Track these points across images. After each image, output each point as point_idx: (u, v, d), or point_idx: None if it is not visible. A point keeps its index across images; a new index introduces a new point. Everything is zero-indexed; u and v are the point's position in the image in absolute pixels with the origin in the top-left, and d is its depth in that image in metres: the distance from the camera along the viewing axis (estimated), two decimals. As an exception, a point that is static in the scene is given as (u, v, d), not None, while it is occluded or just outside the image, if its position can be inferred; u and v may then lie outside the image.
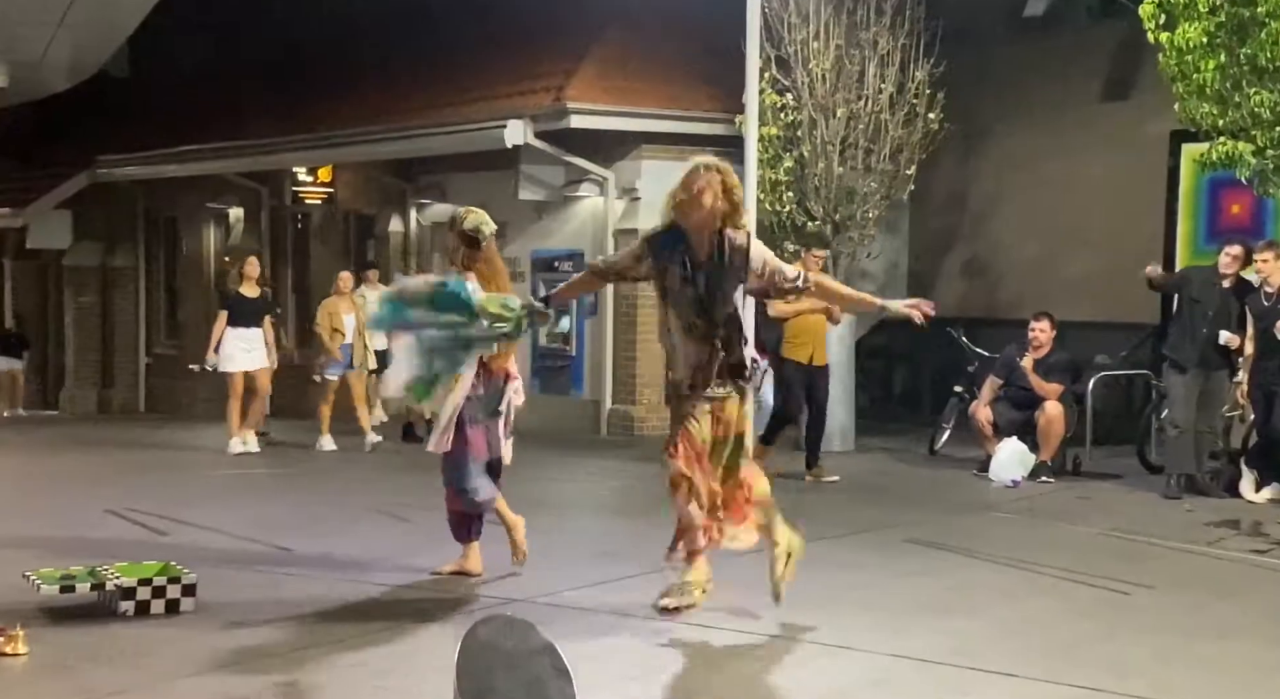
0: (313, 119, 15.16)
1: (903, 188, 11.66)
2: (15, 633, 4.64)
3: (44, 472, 10.27)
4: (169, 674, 4.47)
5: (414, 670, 4.56)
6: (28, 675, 4.46)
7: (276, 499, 8.63)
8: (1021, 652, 4.85)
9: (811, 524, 7.49)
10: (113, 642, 4.85)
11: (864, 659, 4.74)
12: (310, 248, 16.91)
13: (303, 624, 5.11)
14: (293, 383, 14.25)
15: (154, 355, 19.58)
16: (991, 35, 12.37)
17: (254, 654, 4.70)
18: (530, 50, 13.46)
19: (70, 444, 12.64)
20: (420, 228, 15.01)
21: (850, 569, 6.28)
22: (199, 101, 17.99)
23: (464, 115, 13.03)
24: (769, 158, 11.12)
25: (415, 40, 15.53)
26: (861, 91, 11.24)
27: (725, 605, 5.33)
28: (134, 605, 5.15)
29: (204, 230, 18.54)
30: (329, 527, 7.33)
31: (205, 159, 16.54)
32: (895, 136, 11.33)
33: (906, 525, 7.46)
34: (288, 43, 17.45)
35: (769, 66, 10.86)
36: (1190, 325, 8.55)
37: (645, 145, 12.37)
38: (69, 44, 14.44)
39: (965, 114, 11.72)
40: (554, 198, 12.84)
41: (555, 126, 12.16)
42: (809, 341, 9.10)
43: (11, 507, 8.11)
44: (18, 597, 5.20)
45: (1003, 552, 6.66)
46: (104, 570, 5.32)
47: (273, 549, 6.64)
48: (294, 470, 10.18)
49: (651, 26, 12.79)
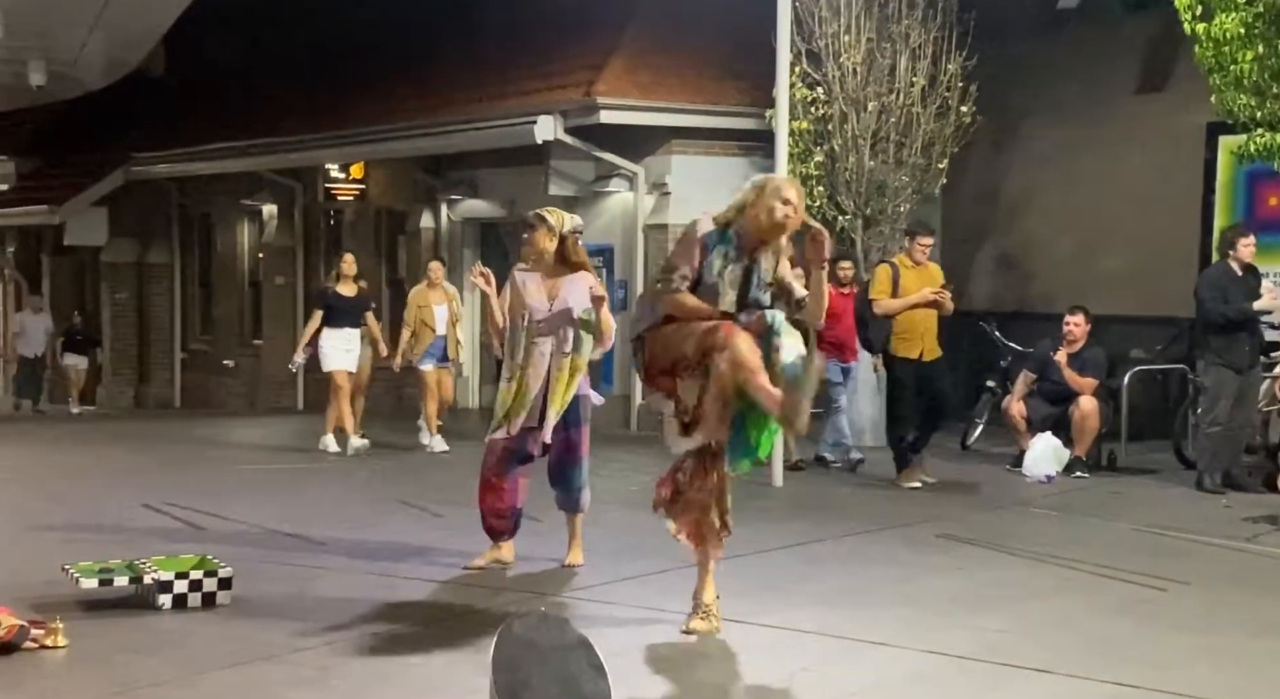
0: (345, 116, 15.24)
1: (934, 182, 11.59)
2: (55, 625, 4.69)
3: (82, 466, 10.38)
4: (205, 666, 4.51)
5: (447, 664, 4.58)
6: (67, 667, 4.51)
7: (310, 493, 8.68)
8: (1056, 648, 4.82)
9: (844, 519, 7.52)
10: (150, 634, 4.91)
11: (900, 655, 4.72)
12: (342, 244, 17.00)
13: (337, 617, 5.14)
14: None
15: (189, 351, 19.76)
16: (1025, 28, 12.26)
17: (289, 647, 4.74)
18: (560, 46, 13.47)
19: (107, 439, 12.77)
20: (451, 223, 15.06)
21: (883, 565, 6.26)
22: (233, 99, 18.14)
23: (494, 111, 13.07)
24: (799, 152, 11.09)
25: (446, 37, 15.58)
26: (893, 85, 11.18)
27: (757, 602, 5.33)
28: (171, 598, 5.21)
29: (238, 227, 18.69)
30: (362, 521, 7.37)
31: (239, 156, 16.68)
32: (927, 130, 11.26)
33: (939, 521, 7.42)
34: (320, 40, 17.55)
35: (799, 60, 10.82)
36: (1240, 327, 8.46)
37: (675, 140, 12.36)
38: (105, 43, 14.60)
39: (998, 107, 11.63)
40: (584, 193, 12.85)
41: (585, 122, 12.17)
42: (919, 336, 8.57)
43: (50, 500, 8.20)
44: (57, 590, 5.25)
45: (1037, 547, 6.61)
46: (141, 564, 5.37)
47: (307, 543, 6.68)
48: (324, 465, 10.24)
49: (681, 21, 12.77)
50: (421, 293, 10.98)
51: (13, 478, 9.64)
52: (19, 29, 13.25)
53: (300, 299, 17.46)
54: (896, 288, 8.57)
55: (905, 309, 8.52)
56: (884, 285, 8.61)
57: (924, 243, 8.72)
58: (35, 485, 9.15)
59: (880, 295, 8.60)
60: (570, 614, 5.08)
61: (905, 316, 8.56)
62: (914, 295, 8.50)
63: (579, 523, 6.06)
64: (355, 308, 10.69)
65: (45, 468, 10.26)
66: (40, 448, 11.98)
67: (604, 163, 12.56)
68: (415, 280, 15.11)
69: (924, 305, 8.52)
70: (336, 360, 10.58)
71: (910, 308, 8.52)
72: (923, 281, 8.62)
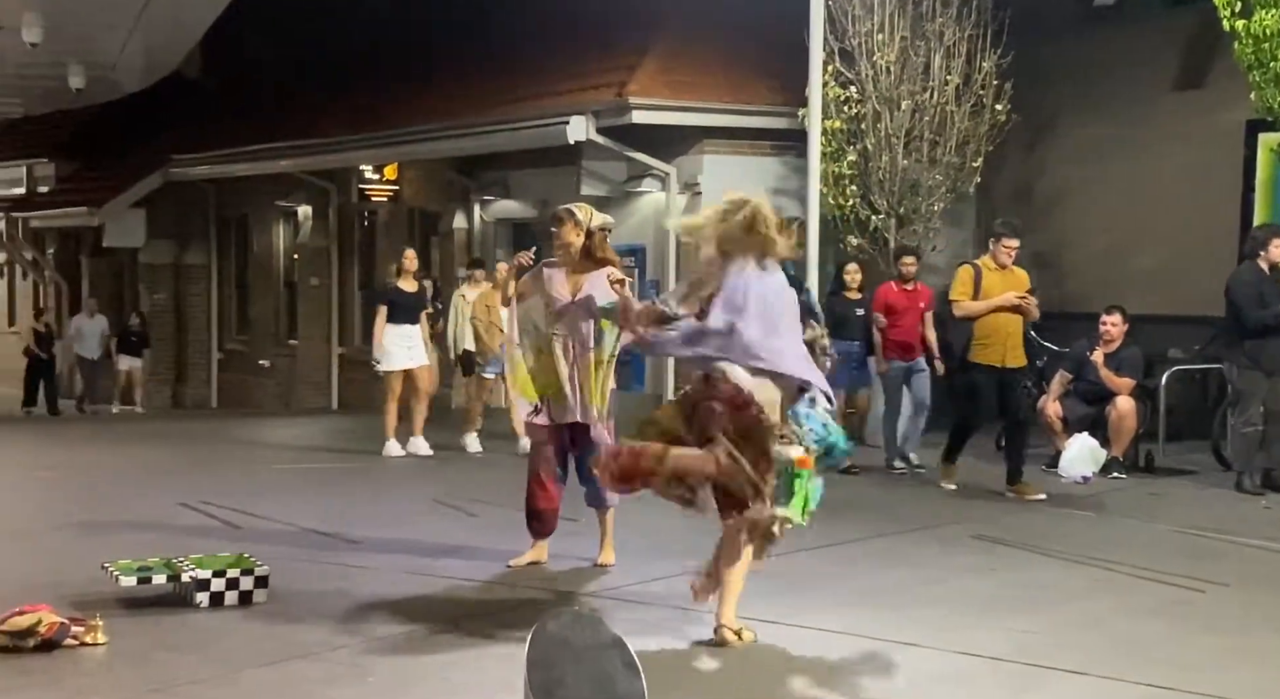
0: (379, 117, 15.35)
1: (969, 180, 11.53)
2: (94, 623, 4.75)
3: (120, 465, 10.50)
4: (243, 664, 4.55)
5: (481, 662, 4.60)
6: (106, 665, 4.56)
7: (346, 493, 8.74)
8: (1092, 650, 4.79)
9: (878, 520, 7.49)
10: (188, 632, 4.96)
11: (933, 656, 4.71)
12: (376, 245, 17.13)
13: (373, 616, 5.18)
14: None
15: (225, 351, 19.96)
16: (1061, 25, 12.16)
17: (325, 645, 4.78)
18: (592, 46, 13.51)
19: (145, 438, 12.91)
20: (483, 224, 15.12)
21: (917, 565, 6.23)
22: (269, 101, 18.31)
23: (527, 112, 13.12)
24: (832, 151, 11.07)
25: (479, 38, 15.64)
26: (927, 83, 11.14)
27: (787, 602, 5.32)
28: (209, 596, 5.26)
29: (273, 228, 18.87)
30: (398, 520, 7.41)
31: (275, 158, 16.83)
32: (961, 129, 11.21)
33: (974, 521, 7.38)
34: (354, 43, 17.68)
35: (832, 59, 10.80)
36: (1273, 330, 8.34)
37: (707, 140, 12.35)
38: (143, 46, 14.79)
39: (1033, 105, 11.55)
40: (615, 193, 12.88)
41: (617, 122, 12.19)
42: (1000, 342, 8.15)
43: (89, 499, 8.31)
44: (96, 587, 5.32)
45: (1072, 549, 6.56)
46: (179, 562, 5.42)
47: (342, 541, 6.73)
48: (361, 465, 10.31)
49: (713, 20, 12.77)
50: (489, 294, 10.56)
51: (53, 476, 9.77)
52: (59, 33, 13.45)
53: (335, 299, 17.61)
54: (978, 291, 8.16)
55: (986, 312, 8.11)
56: (965, 287, 8.20)
57: (1009, 245, 8.23)
58: (75, 484, 9.26)
59: (961, 297, 8.20)
60: (603, 613, 5.09)
61: (986, 321, 8.14)
62: (996, 298, 8.10)
63: (609, 521, 6.07)
64: (417, 304, 10.45)
65: (84, 467, 10.38)
66: (79, 447, 12.14)
67: (636, 163, 12.57)
68: (448, 281, 15.24)
69: (1007, 310, 8.13)
70: (396, 359, 10.28)
71: (991, 311, 8.11)
72: (1007, 285, 8.19)
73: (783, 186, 12.12)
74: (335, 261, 17.59)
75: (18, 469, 10.27)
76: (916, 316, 9.38)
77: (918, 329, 9.41)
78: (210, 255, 20.08)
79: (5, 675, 4.39)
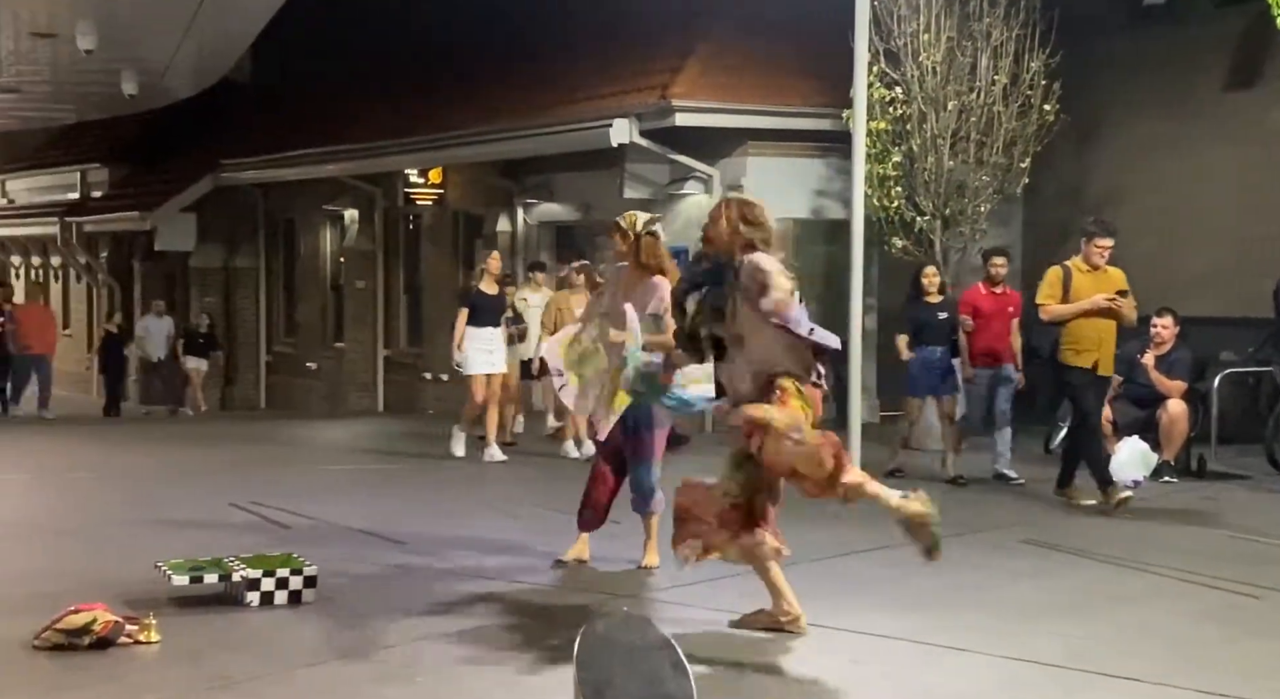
0: (424, 121, 15.46)
1: (1016, 181, 11.43)
2: (148, 621, 4.81)
3: (172, 466, 10.64)
4: (292, 663, 4.59)
5: (528, 662, 4.61)
6: (159, 663, 4.62)
7: (393, 494, 8.81)
8: (1144, 656, 4.72)
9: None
10: (239, 631, 5.01)
11: (984, 662, 4.66)
12: (421, 248, 17.25)
13: (419, 616, 5.21)
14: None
15: (274, 353, 20.16)
16: (1110, 24, 12.04)
17: (372, 645, 4.81)
18: (635, 49, 13.52)
19: (196, 439, 13.08)
20: (527, 227, 15.18)
21: (966, 570, 6.17)
22: (316, 106, 18.50)
23: (570, 115, 13.16)
24: (877, 152, 11.01)
25: (523, 42, 15.72)
26: (974, 83, 11.06)
27: (837, 605, 5.29)
28: (259, 596, 5.31)
29: (320, 232, 19.05)
30: (444, 521, 7.45)
31: (322, 162, 17.00)
32: (1009, 129, 11.12)
33: (1023, 526, 7.31)
34: (400, 48, 17.82)
35: (877, 60, 10.74)
36: None
37: (751, 142, 12.33)
38: (194, 52, 14.99)
39: (1082, 105, 11.43)
40: (659, 196, 12.88)
41: (660, 125, 12.20)
42: (1093, 347, 7.78)
43: (142, 500, 8.43)
44: (150, 586, 5.39)
45: (1123, 553, 6.49)
46: (230, 561, 5.49)
47: (389, 542, 6.78)
48: (407, 466, 10.38)
49: (757, 22, 12.74)
50: (563, 296, 10.51)
51: (106, 477, 9.93)
52: (112, 40, 13.67)
53: (380, 302, 17.75)
54: (1067, 293, 7.81)
55: (1075, 316, 7.74)
56: (1053, 289, 7.86)
57: (1101, 245, 7.82)
58: (128, 485, 9.40)
59: (1048, 300, 7.85)
60: (647, 614, 5.09)
61: (1076, 325, 7.76)
62: (1084, 301, 7.73)
63: (653, 525, 6.07)
64: (498, 307, 10.29)
65: (137, 468, 10.54)
66: (132, 448, 12.31)
67: (679, 165, 12.57)
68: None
69: (1097, 313, 7.77)
70: (478, 364, 10.07)
71: (1080, 315, 7.74)
72: (1098, 287, 7.80)
73: (826, 188, 12.07)
74: (381, 265, 17.73)
75: (69, 469, 10.44)
76: (1005, 321, 8.91)
77: (1007, 335, 8.92)
78: (259, 259, 20.30)
79: (60, 673, 4.47)
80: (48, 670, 4.51)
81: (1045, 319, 7.90)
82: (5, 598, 5.45)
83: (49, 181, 23.85)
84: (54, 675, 4.46)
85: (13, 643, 4.72)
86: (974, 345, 8.97)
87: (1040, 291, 8.00)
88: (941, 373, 9.06)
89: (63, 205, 22.40)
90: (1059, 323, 7.83)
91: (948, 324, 9.04)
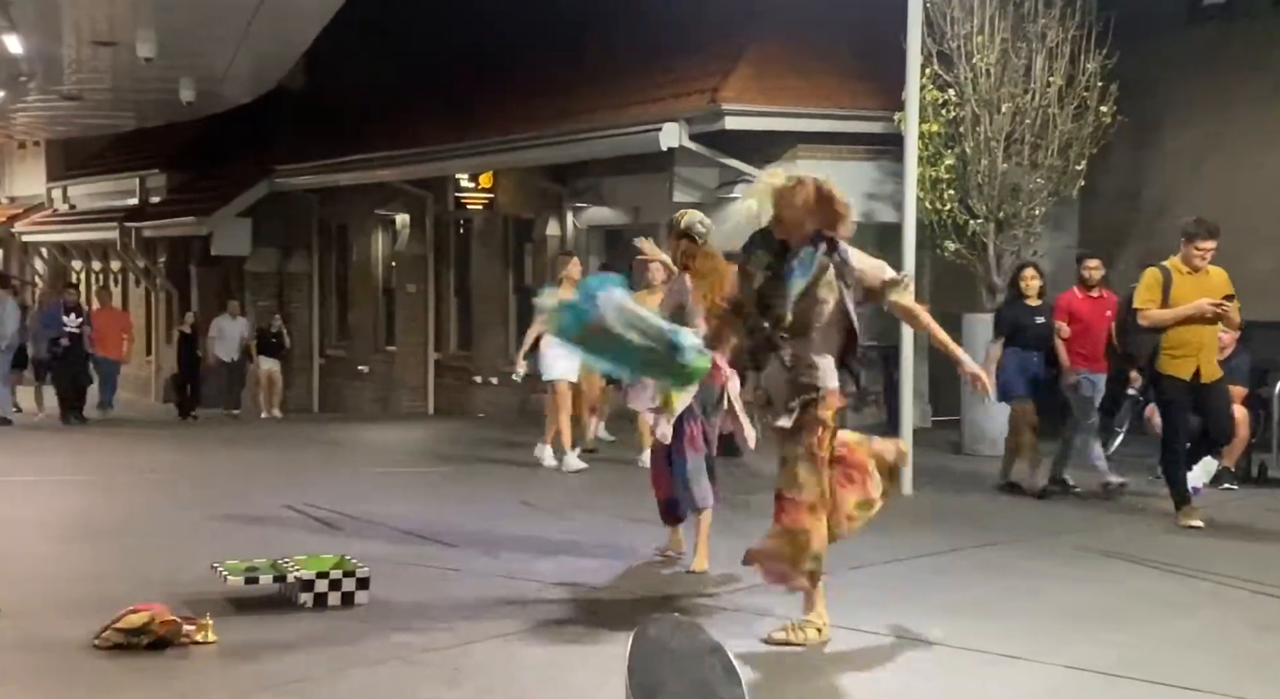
0: (475, 126, 15.56)
1: (1072, 184, 11.29)
2: (205, 622, 4.87)
3: (227, 468, 10.80)
4: (346, 664, 4.63)
5: (577, 665, 4.62)
6: (215, 663, 4.68)
7: (443, 496, 8.87)
8: (1202, 665, 4.64)
9: (976, 530, 7.36)
10: (293, 632, 5.05)
11: (1037, 669, 4.60)
12: (471, 252, 17.36)
13: (470, 618, 5.23)
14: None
15: (326, 357, 20.38)
16: (1168, 23, 11.85)
17: (425, 647, 4.84)
18: (685, 53, 13.52)
19: (250, 442, 13.25)
20: (576, 230, 15.23)
21: (1019, 576, 6.11)
22: (369, 112, 18.68)
23: (620, 119, 13.18)
24: (929, 155, 10.91)
25: (572, 47, 15.77)
26: (1028, 85, 10.93)
27: (886, 611, 5.25)
28: (312, 597, 5.36)
29: (372, 236, 19.23)
30: (494, 523, 7.49)
31: (375, 167, 17.17)
32: (1064, 131, 10.98)
33: (1078, 532, 7.21)
34: (450, 54, 17.95)
35: (930, 62, 10.65)
36: None
37: (801, 145, 12.27)
38: (250, 59, 15.20)
39: (1139, 107, 11.26)
40: (708, 199, 12.84)
41: (710, 128, 12.18)
42: (1193, 353, 7.40)
43: (199, 501, 8.55)
44: (207, 587, 5.46)
45: (1181, 561, 6.37)
46: (285, 563, 5.55)
47: (440, 545, 6.82)
48: (457, 469, 10.45)
49: (808, 24, 12.69)
50: (640, 296, 10.32)
51: (166, 478, 10.10)
52: (171, 48, 13.91)
53: (431, 306, 17.89)
54: (1167, 296, 7.42)
55: (1175, 321, 7.35)
56: (1152, 292, 7.45)
57: (1203, 247, 7.40)
58: (185, 486, 9.56)
59: (1148, 304, 7.44)
60: (697, 618, 5.08)
61: (1177, 331, 7.37)
62: (1187, 306, 7.35)
63: (703, 525, 6.04)
64: None
65: (194, 469, 10.70)
66: (189, 450, 12.51)
67: (729, 169, 12.54)
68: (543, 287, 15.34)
69: (1199, 319, 7.39)
70: (559, 368, 9.72)
71: (1182, 320, 7.35)
72: (1201, 291, 7.41)
73: (878, 191, 11.99)
74: (431, 269, 17.87)
75: (130, 471, 10.62)
76: (1104, 325, 8.42)
77: (1106, 339, 8.38)
78: (312, 263, 20.53)
79: (119, 673, 4.54)
80: (107, 670, 4.58)
81: (1145, 324, 7.46)
82: (66, 598, 5.55)
83: (109, 187, 24.30)
84: (112, 675, 4.53)
85: (73, 642, 4.80)
86: (1072, 350, 8.63)
87: (1138, 295, 7.56)
88: (1035, 378, 8.72)
89: (122, 211, 22.80)
90: (1159, 329, 7.45)
91: (1045, 328, 8.71)
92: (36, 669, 4.59)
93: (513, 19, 16.70)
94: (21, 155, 28.49)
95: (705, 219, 6.22)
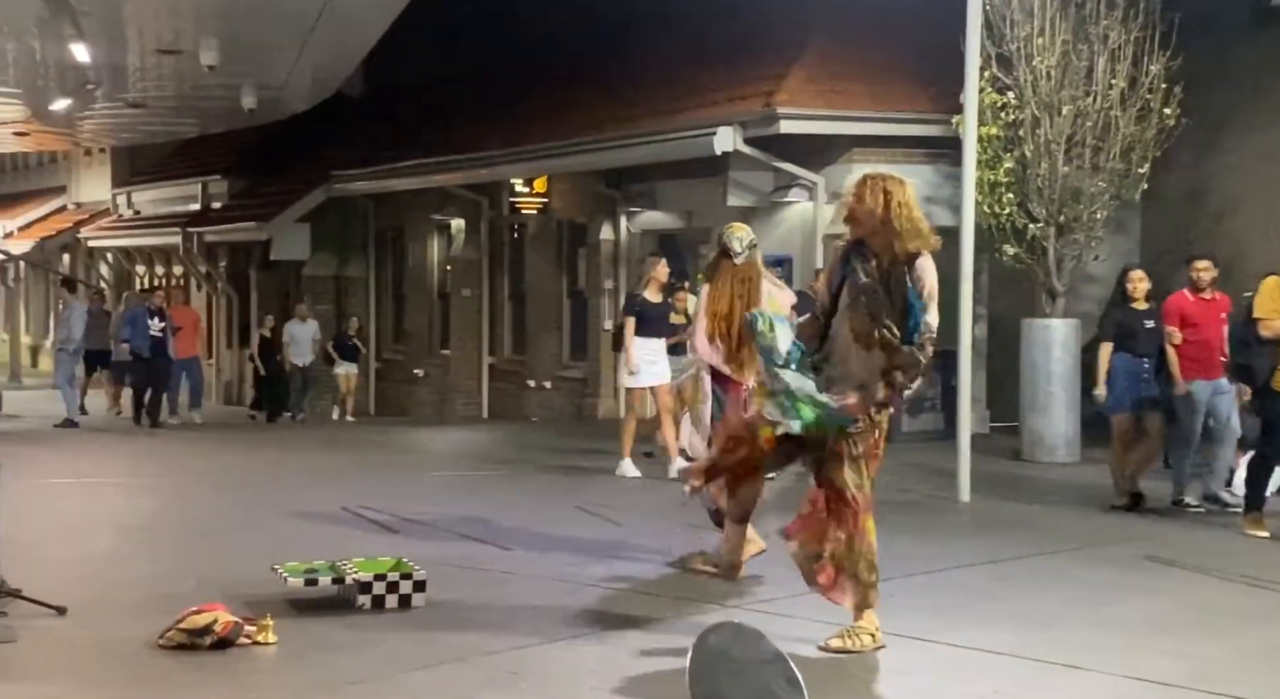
0: (529, 131, 15.62)
1: (1135, 188, 11.11)
2: (266, 622, 4.93)
3: (286, 471, 10.92)
4: (403, 666, 4.66)
5: (631, 670, 4.60)
6: (276, 663, 4.74)
7: (499, 500, 8.89)
8: (1269, 676, 4.54)
9: (1037, 538, 7.26)
10: (351, 633, 5.10)
11: (1099, 680, 4.53)
12: (525, 256, 17.44)
13: (525, 621, 5.25)
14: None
15: (383, 360, 20.55)
16: (1233, 25, 11.62)
17: (479, 650, 4.86)
18: (740, 56, 13.48)
19: (309, 445, 13.40)
20: (630, 235, 15.24)
21: (1083, 585, 6.01)
22: (424, 119, 18.84)
23: (674, 123, 13.17)
24: (988, 159, 10.79)
25: (626, 51, 15.79)
26: (1090, 88, 10.78)
27: (945, 620, 5.19)
28: (370, 599, 5.41)
29: (428, 241, 19.38)
30: (549, 527, 7.50)
31: (432, 173, 17.30)
32: (1126, 134, 10.81)
33: (1143, 541, 7.09)
34: (505, 60, 18.06)
35: (989, 64, 10.53)
36: None
37: (856, 149, 12.19)
38: (310, 68, 15.38)
39: (1203, 109, 11.05)
40: (762, 203, 12.81)
41: (764, 132, 12.13)
42: None
43: (259, 504, 8.67)
44: (267, 588, 5.52)
45: (1248, 571, 6.25)
46: (343, 565, 5.60)
47: (496, 548, 6.84)
48: (512, 472, 10.48)
49: (864, 26, 12.61)
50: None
51: (226, 480, 10.23)
52: (233, 57, 14.11)
53: (486, 310, 17.99)
54: None
55: None
56: (1276, 302, 7.09)
57: None
58: (245, 488, 9.68)
59: (1272, 314, 7.06)
60: (755, 625, 5.05)
61: None
62: None
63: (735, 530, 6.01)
64: (663, 317, 9.77)
65: (254, 472, 10.83)
66: (249, 452, 12.67)
67: (783, 173, 12.49)
68: (595, 292, 15.39)
69: None
70: (638, 376, 9.59)
71: None
72: None
73: (936, 195, 11.87)
74: (486, 273, 17.96)
75: (189, 473, 10.78)
76: (1217, 329, 8.05)
77: (1221, 343, 8.03)
78: (369, 268, 20.73)
79: (182, 671, 4.61)
80: (169, 669, 4.65)
81: (1266, 335, 7.08)
82: (131, 599, 5.65)
83: (172, 193, 24.70)
84: (175, 674, 4.60)
85: (138, 642, 4.88)
86: (1183, 356, 8.17)
87: (1259, 304, 7.17)
88: (1145, 385, 8.29)
89: (185, 216, 23.16)
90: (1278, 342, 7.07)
91: (1156, 332, 8.19)
92: (102, 668, 4.68)
93: (568, 24, 16.76)
94: (88, 162, 29.05)
95: (744, 236, 6.24)
